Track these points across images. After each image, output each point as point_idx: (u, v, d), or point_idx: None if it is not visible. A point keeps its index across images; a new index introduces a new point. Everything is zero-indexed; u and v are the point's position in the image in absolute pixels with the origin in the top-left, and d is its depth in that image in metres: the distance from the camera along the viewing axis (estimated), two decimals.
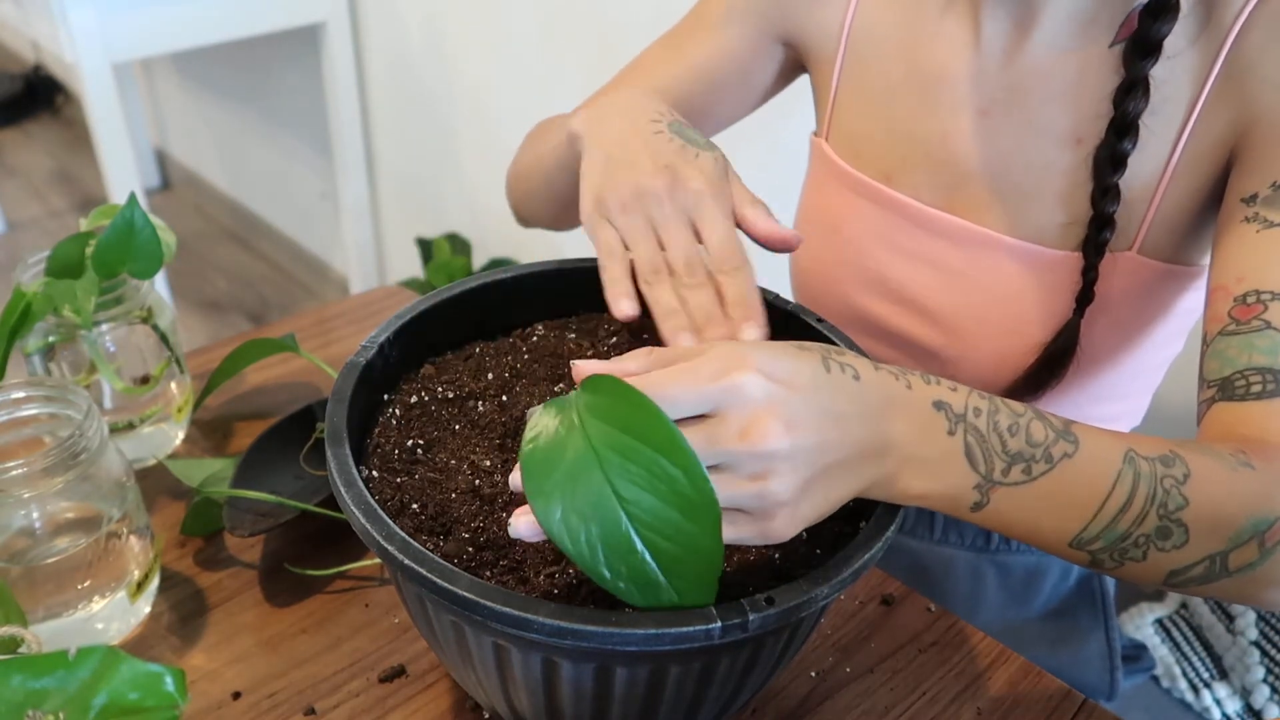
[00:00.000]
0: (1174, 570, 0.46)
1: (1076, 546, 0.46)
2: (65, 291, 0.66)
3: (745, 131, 0.85)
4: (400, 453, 0.52)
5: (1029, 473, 0.44)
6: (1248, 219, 0.55)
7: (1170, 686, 1.08)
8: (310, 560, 0.66)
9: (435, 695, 0.57)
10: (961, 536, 0.79)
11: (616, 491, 0.38)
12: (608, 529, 0.38)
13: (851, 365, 0.43)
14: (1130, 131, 0.59)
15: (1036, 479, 0.44)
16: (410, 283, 1.75)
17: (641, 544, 0.38)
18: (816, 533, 0.48)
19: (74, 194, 2.92)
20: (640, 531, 0.38)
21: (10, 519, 0.57)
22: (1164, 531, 0.45)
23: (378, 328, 0.56)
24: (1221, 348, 0.53)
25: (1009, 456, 0.44)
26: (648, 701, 0.44)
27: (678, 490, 0.38)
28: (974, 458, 0.44)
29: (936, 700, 0.59)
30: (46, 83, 3.36)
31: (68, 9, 1.61)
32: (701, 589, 0.40)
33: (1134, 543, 0.45)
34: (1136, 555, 0.46)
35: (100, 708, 0.35)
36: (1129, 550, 0.46)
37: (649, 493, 0.38)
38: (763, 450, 0.40)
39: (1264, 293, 0.52)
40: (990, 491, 0.44)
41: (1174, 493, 0.45)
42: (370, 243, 2.23)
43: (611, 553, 0.38)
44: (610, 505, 0.38)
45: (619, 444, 0.38)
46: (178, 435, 0.77)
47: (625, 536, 0.38)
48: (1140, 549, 0.46)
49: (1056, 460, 0.44)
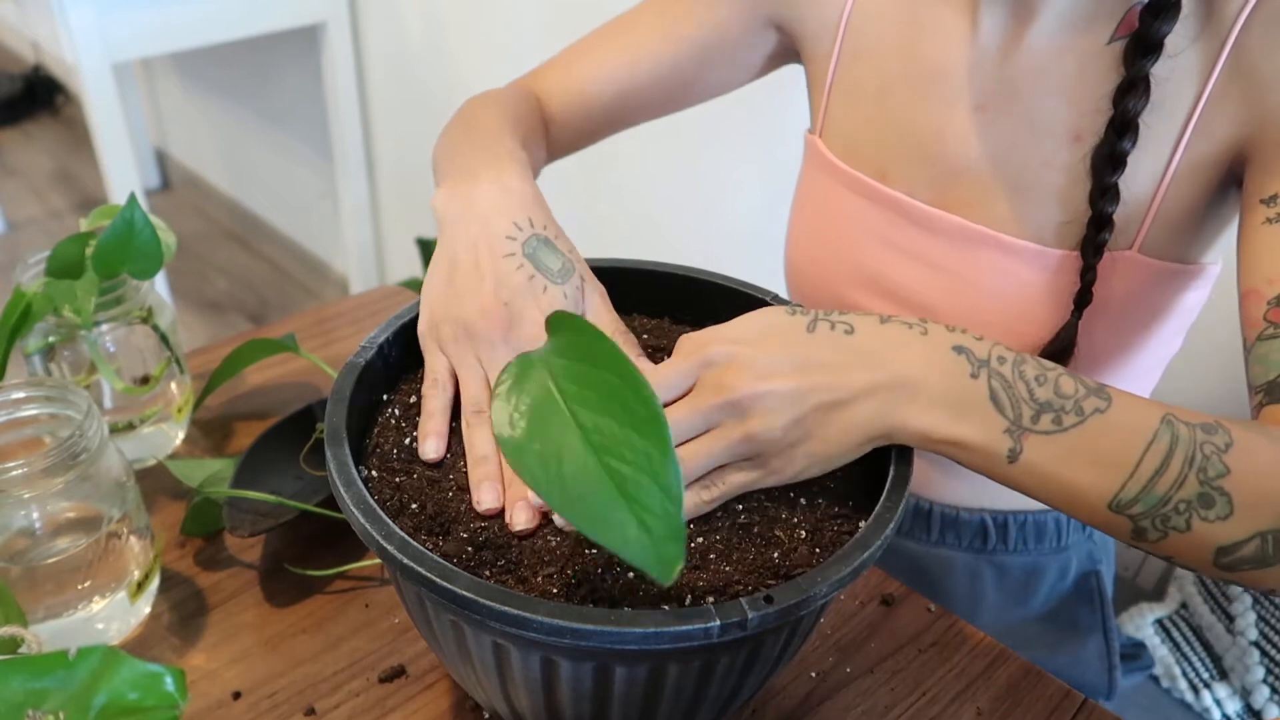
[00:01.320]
0: (1222, 547, 0.45)
1: (1116, 510, 0.45)
2: (65, 291, 0.66)
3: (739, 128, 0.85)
4: (399, 453, 0.52)
5: (1059, 423, 0.44)
6: (1270, 220, 0.54)
7: (1170, 686, 1.09)
8: (310, 560, 0.66)
9: (435, 695, 0.58)
10: (959, 538, 0.79)
11: (577, 420, 0.39)
12: (571, 459, 0.38)
13: (845, 322, 0.46)
14: (1130, 130, 0.59)
15: (1068, 429, 0.44)
16: (410, 283, 1.75)
17: (602, 469, 0.38)
18: (816, 532, 0.48)
19: (74, 194, 2.93)
20: (601, 458, 0.38)
21: (10, 519, 0.57)
22: (1206, 499, 0.44)
23: (378, 328, 0.56)
24: (1263, 352, 0.52)
25: (1037, 404, 0.45)
26: (647, 701, 0.44)
27: (628, 407, 0.38)
28: (1000, 402, 0.45)
29: (936, 700, 0.59)
30: (46, 83, 3.36)
31: (68, 9, 1.61)
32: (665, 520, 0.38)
33: (1175, 509, 0.45)
34: (1180, 524, 0.45)
35: (100, 708, 0.35)
36: (1171, 517, 0.45)
37: (605, 416, 0.39)
38: (734, 398, 0.45)
39: None
40: (1023, 439, 0.45)
41: (1214, 459, 0.44)
42: (370, 243, 2.23)
43: (576, 483, 0.38)
44: (571, 433, 0.39)
45: (576, 373, 0.40)
46: (178, 435, 0.77)
47: (589, 464, 0.38)
48: (1182, 516, 0.45)
49: (1088, 414, 0.44)
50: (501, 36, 1.70)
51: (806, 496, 0.49)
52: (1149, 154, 0.60)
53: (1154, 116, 0.59)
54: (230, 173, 2.76)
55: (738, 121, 0.82)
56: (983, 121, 0.65)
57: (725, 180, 1.46)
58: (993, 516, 0.77)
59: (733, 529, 0.48)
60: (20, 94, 3.33)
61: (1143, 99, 0.58)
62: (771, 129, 1.31)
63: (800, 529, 0.48)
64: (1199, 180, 0.59)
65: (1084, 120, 0.61)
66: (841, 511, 0.49)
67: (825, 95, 0.74)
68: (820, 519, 0.48)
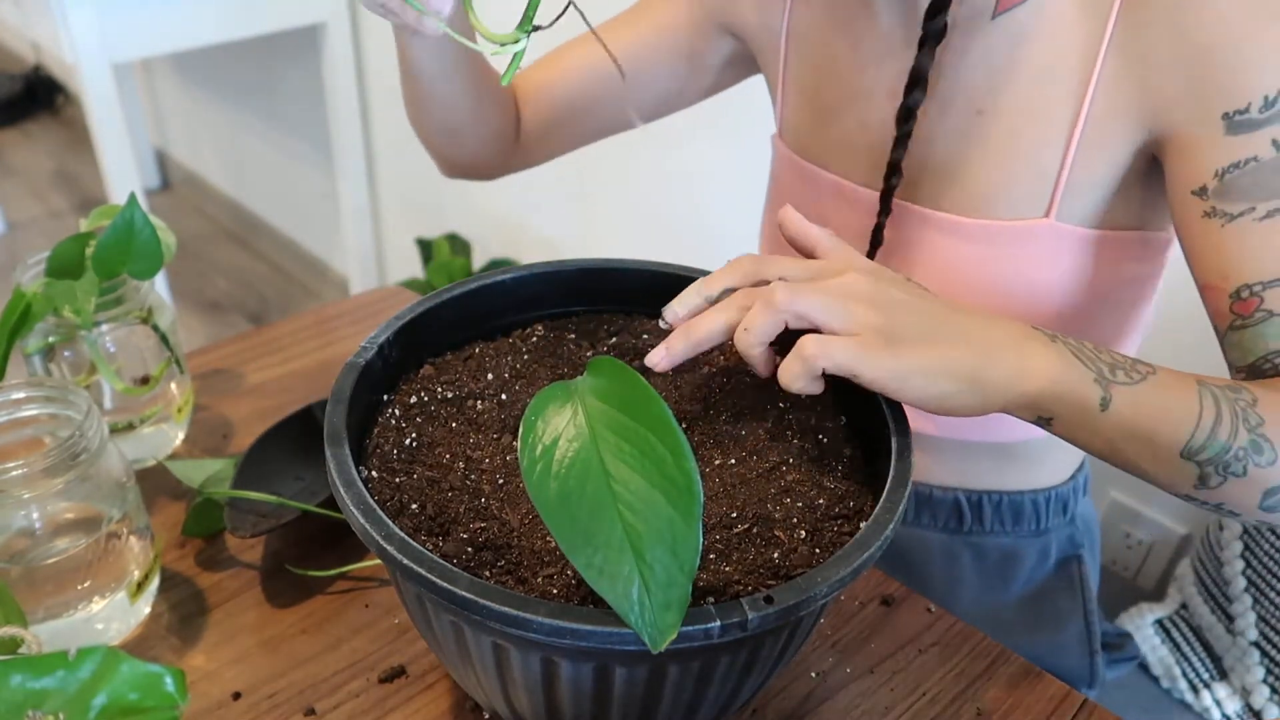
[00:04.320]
0: (1270, 489, 0.51)
1: (1187, 456, 0.50)
2: (65, 292, 0.66)
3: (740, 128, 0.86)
4: (400, 453, 0.52)
5: (1131, 377, 0.50)
6: (1207, 214, 0.57)
7: (1170, 686, 1.08)
8: (311, 561, 0.66)
9: (435, 695, 0.58)
10: (935, 518, 0.79)
11: (606, 469, 0.39)
12: (591, 504, 0.38)
13: (944, 298, 0.51)
14: (919, 85, 0.62)
15: (1140, 382, 0.50)
16: (410, 283, 1.75)
17: (619, 520, 0.38)
18: (816, 532, 0.48)
19: (74, 194, 2.93)
20: (621, 510, 0.38)
21: (10, 519, 0.57)
22: (1257, 445, 0.50)
23: (378, 328, 0.56)
24: (1236, 340, 0.57)
25: (1108, 363, 0.50)
26: (647, 701, 0.44)
27: (665, 472, 0.39)
28: (1083, 358, 0.50)
29: (936, 701, 0.59)
30: (46, 83, 3.36)
31: (68, 9, 1.61)
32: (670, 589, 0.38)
33: (1235, 455, 0.50)
34: (1238, 470, 0.50)
35: (100, 708, 0.35)
36: (1231, 464, 0.50)
37: (638, 473, 0.39)
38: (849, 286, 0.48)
39: (1254, 284, 0.55)
40: (1110, 389, 0.49)
41: (1250, 411, 0.50)
42: (370, 243, 2.23)
43: (589, 524, 0.38)
44: (597, 477, 0.39)
45: (615, 422, 0.40)
46: (178, 436, 0.77)
47: (608, 512, 0.38)
48: (1240, 462, 0.50)
49: (1146, 375, 0.50)
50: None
51: (807, 497, 0.50)
52: (1048, 123, 0.62)
53: (1052, 86, 0.61)
54: (230, 173, 2.76)
55: (739, 121, 0.83)
56: (894, 108, 0.67)
57: (727, 181, 1.46)
58: (966, 495, 0.78)
59: (732, 529, 0.48)
60: (20, 94, 3.33)
61: (929, 57, 0.61)
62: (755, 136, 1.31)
63: (800, 529, 0.48)
64: (1108, 149, 0.61)
65: (980, 95, 0.64)
66: (841, 511, 0.49)
67: (780, 96, 0.78)
68: (820, 519, 0.48)
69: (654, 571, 0.38)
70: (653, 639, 0.37)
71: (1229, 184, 0.55)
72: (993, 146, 0.64)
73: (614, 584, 0.38)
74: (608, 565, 0.38)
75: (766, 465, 0.51)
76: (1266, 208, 0.54)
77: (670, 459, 0.39)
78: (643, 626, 0.37)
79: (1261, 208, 0.54)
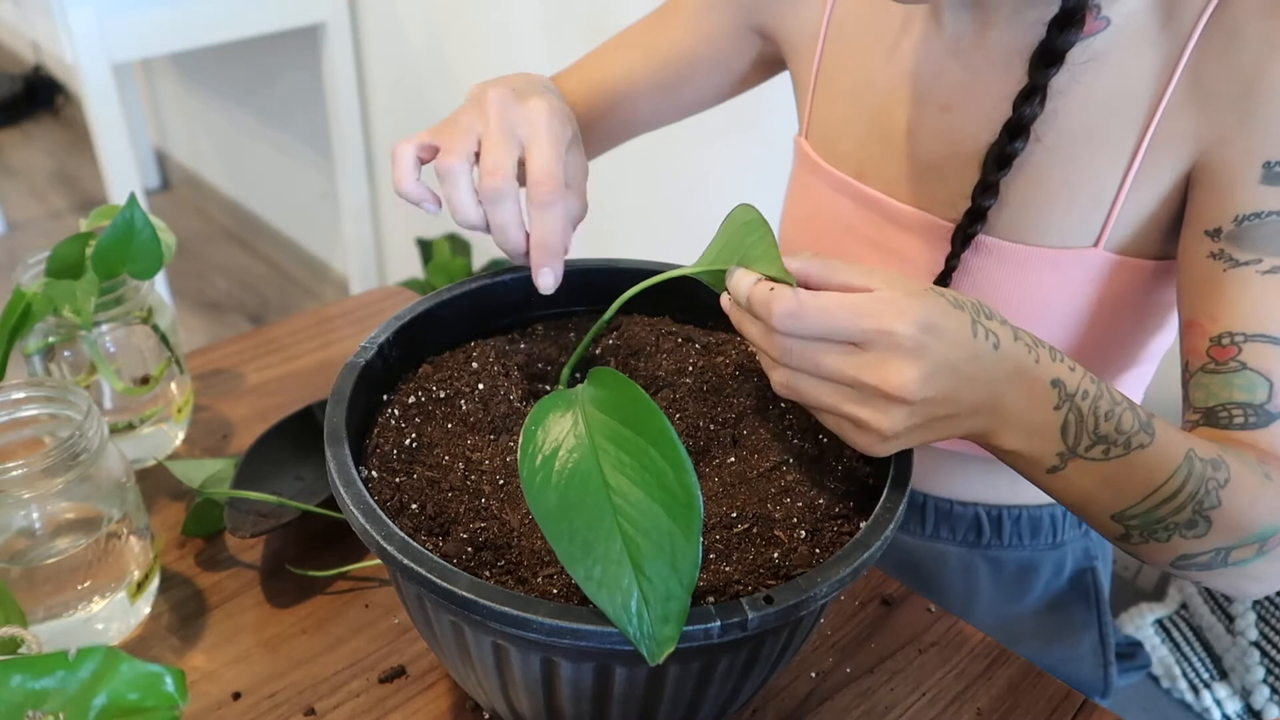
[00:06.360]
0: (1184, 555, 0.52)
1: (1116, 520, 0.51)
2: (65, 292, 0.66)
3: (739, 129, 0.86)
4: (399, 453, 0.52)
5: (1106, 454, 0.49)
6: (1214, 255, 0.56)
7: (1170, 687, 1.09)
8: (311, 561, 0.66)
9: (435, 695, 0.58)
10: (953, 532, 0.79)
11: (606, 481, 0.39)
12: (591, 516, 0.38)
13: (995, 333, 0.46)
14: (1022, 134, 0.60)
15: (1111, 460, 0.49)
16: (410, 283, 1.75)
17: (619, 533, 0.38)
18: (816, 532, 0.48)
19: (74, 194, 2.92)
20: (620, 522, 0.38)
21: (10, 519, 0.57)
22: (1192, 523, 0.50)
23: (378, 328, 0.56)
24: (1204, 381, 0.56)
25: (1095, 437, 0.48)
26: (647, 701, 0.44)
27: (665, 485, 0.39)
28: (1067, 433, 0.48)
29: (936, 701, 0.59)
30: (46, 83, 3.36)
31: (68, 9, 1.61)
32: (669, 602, 0.38)
33: (1164, 527, 0.50)
34: (1162, 537, 0.51)
35: (100, 708, 0.35)
36: (1158, 532, 0.51)
37: (638, 485, 0.39)
38: (894, 394, 0.43)
39: (1237, 334, 0.55)
40: (1069, 462, 0.49)
41: (1213, 494, 0.50)
42: (370, 243, 2.22)
43: (587, 536, 0.38)
44: (597, 493, 0.39)
45: (615, 434, 0.40)
46: (178, 436, 0.77)
47: (607, 525, 0.38)
48: (1168, 533, 0.51)
49: (1133, 449, 0.49)
50: (501, 36, 1.70)
51: (806, 497, 0.50)
52: (1109, 150, 0.61)
53: (1112, 122, 0.60)
54: (230, 173, 2.76)
55: (738, 123, 0.83)
56: (949, 122, 0.66)
57: (727, 181, 1.46)
58: (986, 510, 0.78)
59: (732, 529, 0.48)
60: (20, 94, 3.33)
61: (1039, 106, 0.59)
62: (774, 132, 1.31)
63: (800, 529, 0.48)
64: (1163, 183, 0.60)
65: (1043, 123, 0.62)
66: (841, 511, 0.49)
67: (810, 97, 0.75)
68: (820, 519, 0.48)
69: (653, 585, 0.38)
70: (651, 652, 0.37)
71: (1244, 231, 0.55)
72: (1049, 174, 0.62)
73: (613, 596, 0.38)
74: (607, 577, 0.38)
75: (766, 465, 0.51)
76: (1273, 263, 0.54)
77: (671, 473, 0.39)
78: (641, 639, 0.37)
79: (1268, 261, 0.54)
